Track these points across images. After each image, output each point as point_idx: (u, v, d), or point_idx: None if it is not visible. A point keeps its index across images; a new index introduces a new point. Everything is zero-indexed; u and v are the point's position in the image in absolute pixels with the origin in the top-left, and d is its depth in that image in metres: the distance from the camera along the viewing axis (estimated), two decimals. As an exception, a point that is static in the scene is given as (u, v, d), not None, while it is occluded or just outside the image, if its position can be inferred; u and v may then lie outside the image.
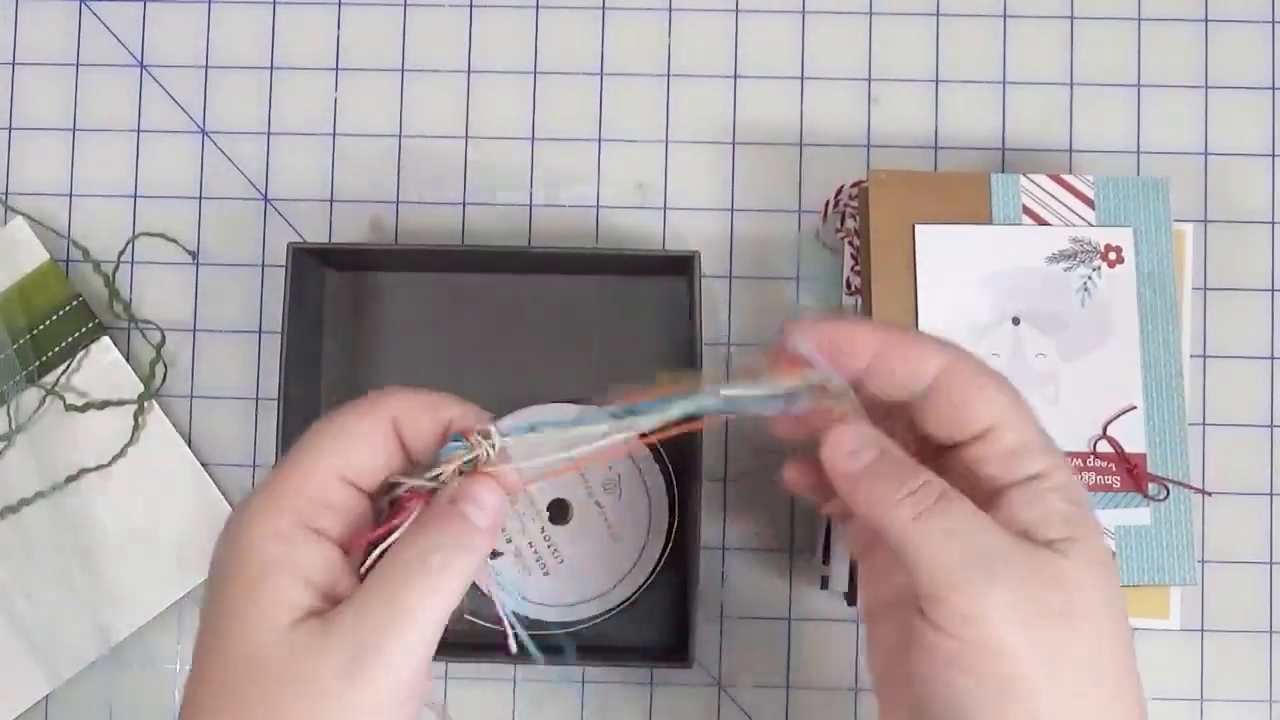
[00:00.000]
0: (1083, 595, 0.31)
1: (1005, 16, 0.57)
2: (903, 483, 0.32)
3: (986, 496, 0.33)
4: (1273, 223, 0.57)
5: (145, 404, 0.55)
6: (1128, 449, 0.49)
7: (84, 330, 0.55)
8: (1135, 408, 0.50)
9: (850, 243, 0.54)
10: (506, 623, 0.35)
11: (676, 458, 0.52)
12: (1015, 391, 0.35)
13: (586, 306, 0.55)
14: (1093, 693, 0.31)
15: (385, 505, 0.35)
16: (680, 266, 0.53)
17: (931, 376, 0.34)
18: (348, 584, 0.33)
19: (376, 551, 0.33)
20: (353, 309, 0.56)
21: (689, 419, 0.34)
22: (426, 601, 0.31)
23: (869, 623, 0.37)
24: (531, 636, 0.36)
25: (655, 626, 0.54)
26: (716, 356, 0.56)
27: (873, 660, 0.37)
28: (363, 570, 0.33)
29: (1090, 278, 0.50)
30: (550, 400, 0.53)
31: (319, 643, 0.31)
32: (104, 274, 0.56)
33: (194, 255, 0.57)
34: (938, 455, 0.35)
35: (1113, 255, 0.51)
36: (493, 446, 0.34)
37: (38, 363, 0.55)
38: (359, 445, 0.33)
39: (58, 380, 0.55)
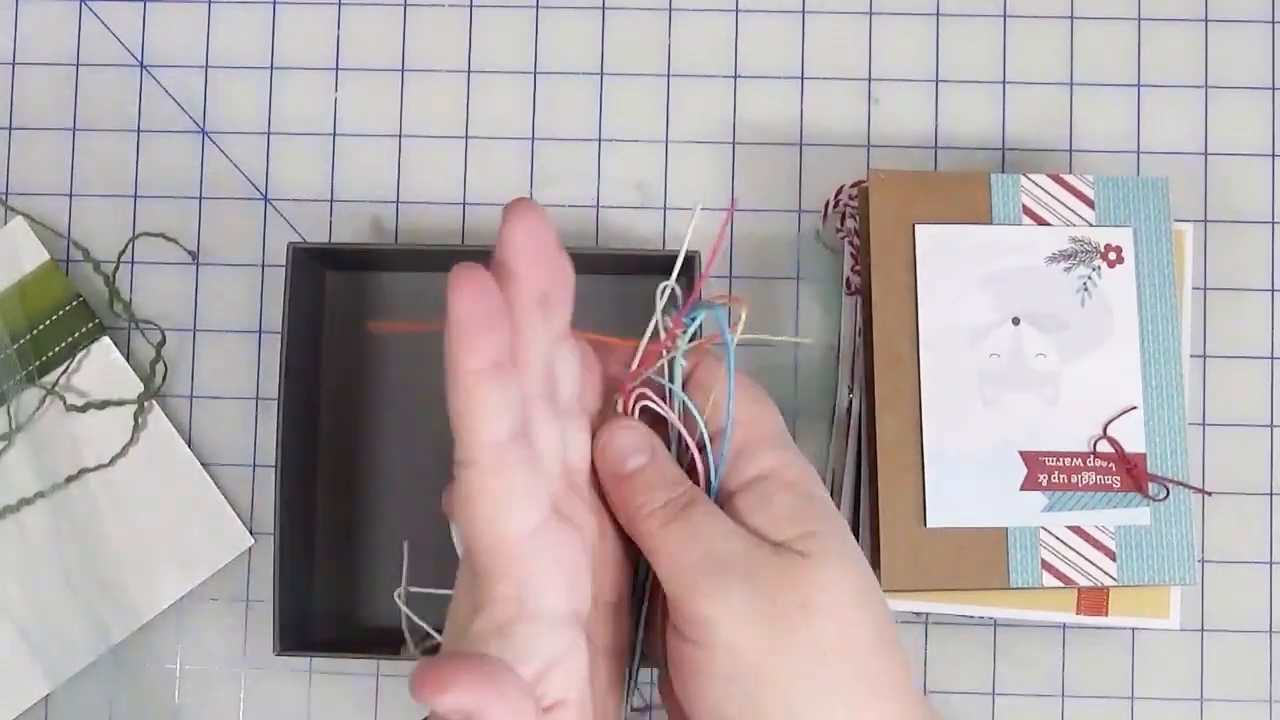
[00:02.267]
0: (820, 590, 0.31)
1: (1005, 16, 0.57)
2: (660, 491, 0.32)
3: (723, 501, 0.33)
4: (1273, 223, 0.57)
5: (145, 404, 0.55)
6: (1128, 449, 0.49)
7: (84, 330, 0.55)
8: (1135, 408, 0.50)
9: (850, 243, 0.54)
10: None
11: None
12: (750, 388, 0.34)
13: (586, 306, 0.55)
14: (846, 683, 0.31)
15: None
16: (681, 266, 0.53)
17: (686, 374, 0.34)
18: None
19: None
20: (353, 309, 0.56)
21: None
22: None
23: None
24: None
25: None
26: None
27: (661, 686, 0.36)
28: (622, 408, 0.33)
29: (1090, 278, 0.50)
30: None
31: None
32: (104, 274, 0.56)
33: (194, 255, 0.57)
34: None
35: (1113, 255, 0.51)
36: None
37: (38, 363, 0.55)
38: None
39: (58, 380, 0.55)
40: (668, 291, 0.35)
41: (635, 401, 0.34)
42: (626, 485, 0.33)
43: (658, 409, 0.34)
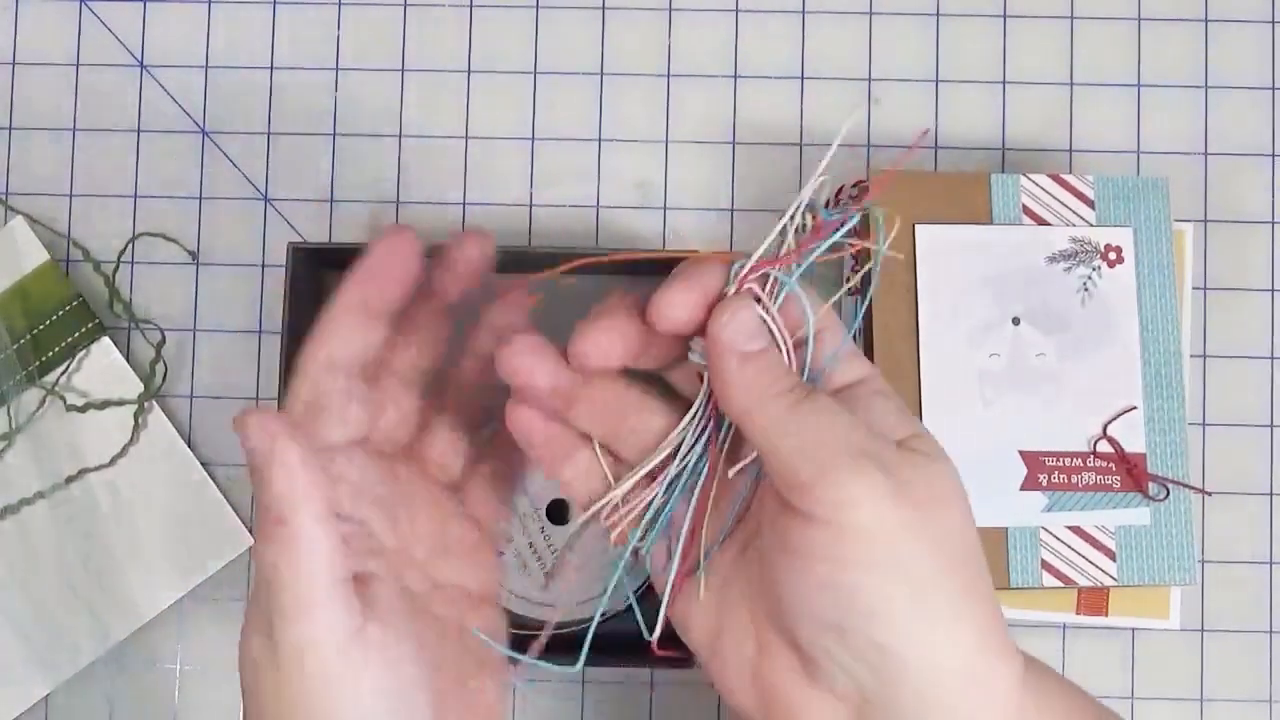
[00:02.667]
0: (944, 486, 0.32)
1: (1005, 16, 0.57)
2: (783, 375, 0.32)
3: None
4: (1273, 223, 0.57)
5: (145, 404, 0.55)
6: (1128, 449, 0.49)
7: (84, 330, 0.55)
8: (1135, 408, 0.50)
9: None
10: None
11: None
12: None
13: (587, 307, 0.55)
14: (966, 579, 0.31)
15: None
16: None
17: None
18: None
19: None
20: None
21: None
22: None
23: (714, 654, 0.35)
24: (532, 637, 0.36)
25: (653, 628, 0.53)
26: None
27: (693, 629, 0.35)
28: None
29: (1090, 278, 0.50)
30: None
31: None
32: (104, 274, 0.56)
33: (194, 255, 0.57)
34: None
35: (1113, 255, 0.51)
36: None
37: (38, 363, 0.55)
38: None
39: (58, 380, 0.55)
40: (821, 183, 0.35)
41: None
42: (750, 365, 0.32)
43: (763, 310, 0.33)
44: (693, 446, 0.34)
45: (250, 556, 0.56)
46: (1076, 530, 0.49)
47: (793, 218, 0.34)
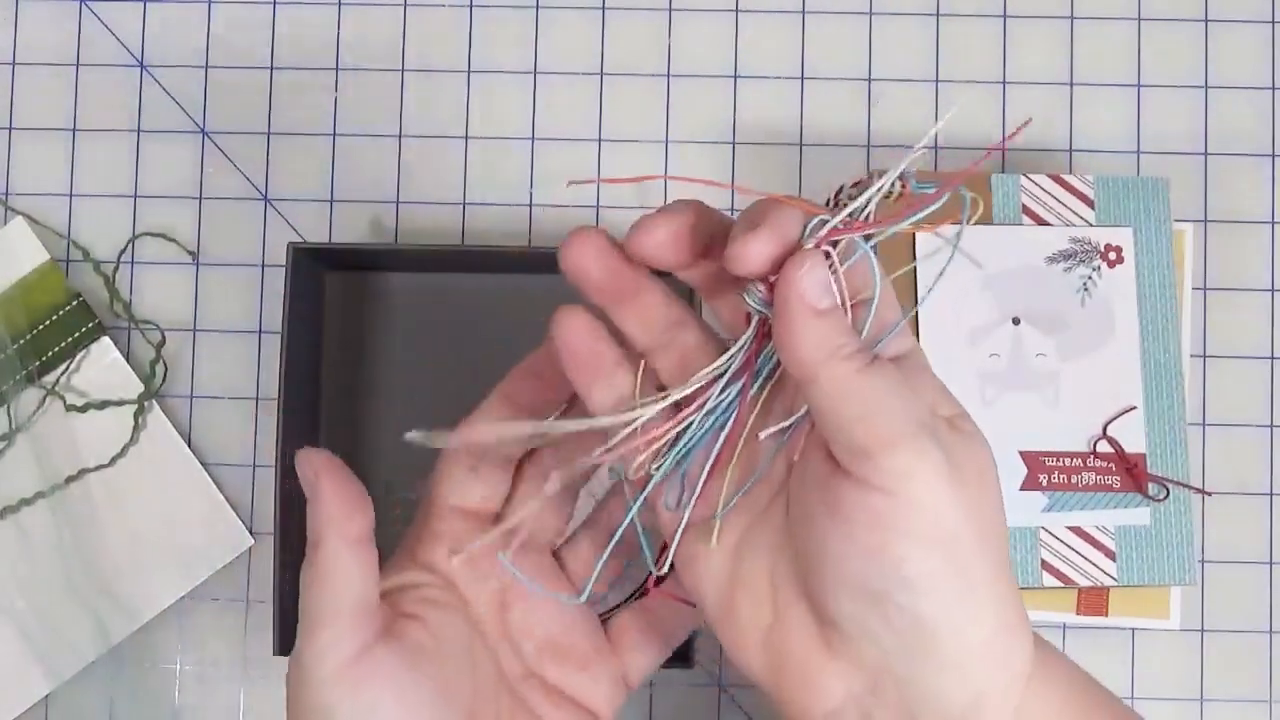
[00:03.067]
0: (984, 462, 0.32)
1: (1005, 16, 0.57)
2: (851, 335, 0.32)
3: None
4: (1273, 223, 0.57)
5: (145, 404, 0.55)
6: (1128, 449, 0.49)
7: (84, 330, 0.55)
8: (1135, 408, 0.50)
9: (850, 243, 0.54)
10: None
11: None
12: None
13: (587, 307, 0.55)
14: (989, 554, 0.31)
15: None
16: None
17: None
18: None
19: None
20: (353, 309, 0.56)
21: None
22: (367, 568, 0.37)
23: (723, 613, 0.35)
24: None
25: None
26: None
27: (705, 591, 0.35)
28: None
29: (1090, 278, 0.50)
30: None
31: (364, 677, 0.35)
32: (104, 274, 0.56)
33: (194, 255, 0.57)
34: None
35: (1113, 255, 0.51)
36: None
37: (38, 363, 0.55)
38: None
39: (58, 380, 0.55)
40: (916, 157, 0.34)
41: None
42: (823, 322, 0.31)
43: (833, 271, 0.32)
44: (725, 389, 0.34)
45: (250, 557, 0.56)
46: (1076, 530, 0.49)
47: (881, 188, 0.33)
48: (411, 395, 0.55)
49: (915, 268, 0.50)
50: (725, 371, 0.34)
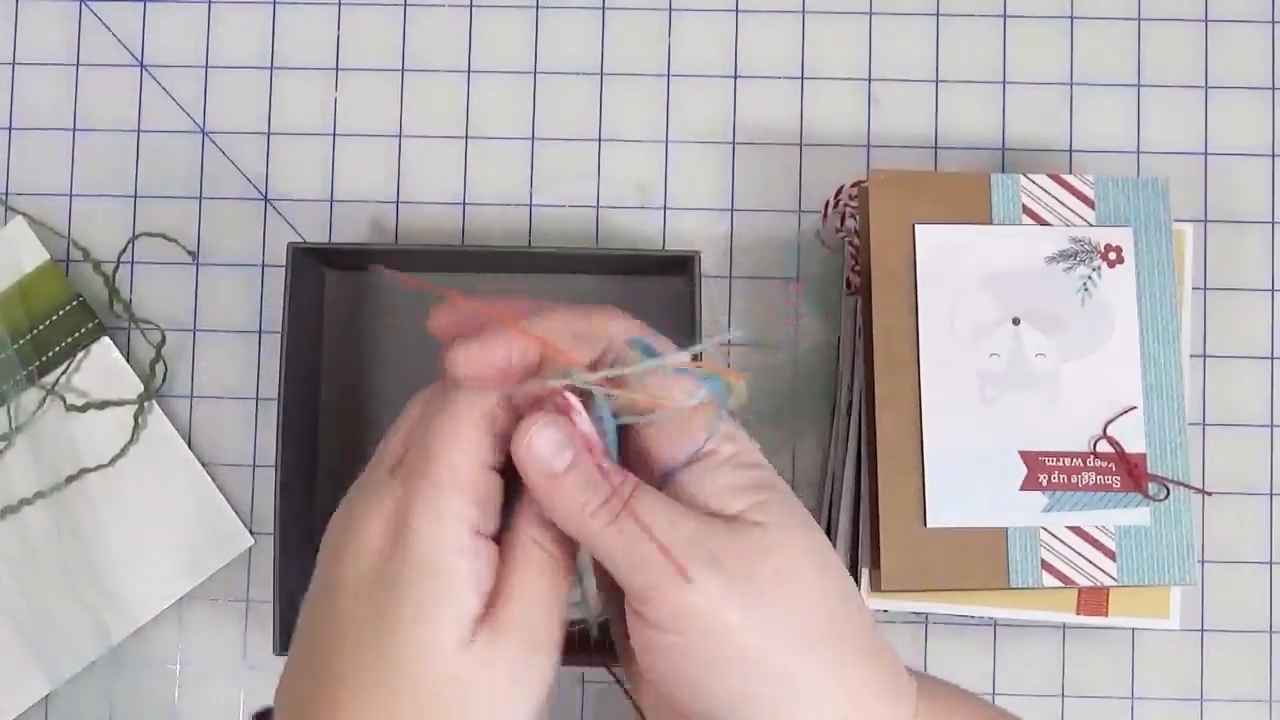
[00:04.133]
0: (785, 555, 0.31)
1: (1005, 16, 0.57)
2: (595, 489, 0.31)
3: (660, 482, 0.33)
4: (1273, 223, 0.57)
5: (145, 404, 0.55)
6: (1128, 449, 0.49)
7: (84, 330, 0.55)
8: (1135, 408, 0.50)
9: (850, 243, 0.54)
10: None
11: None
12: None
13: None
14: (827, 645, 0.31)
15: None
16: (681, 266, 0.53)
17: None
18: (492, 574, 0.32)
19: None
20: (353, 309, 0.56)
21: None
22: (563, 591, 0.32)
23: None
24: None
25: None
26: (718, 356, 0.56)
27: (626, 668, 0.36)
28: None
29: (1090, 278, 0.50)
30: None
31: (488, 654, 0.31)
32: (104, 274, 0.56)
33: (194, 255, 0.57)
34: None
35: (1113, 255, 0.51)
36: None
37: (38, 363, 0.55)
38: (484, 430, 0.32)
39: (58, 380, 0.55)
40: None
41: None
42: (560, 485, 0.31)
43: (580, 389, 0.32)
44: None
45: (250, 557, 0.56)
46: (1076, 530, 0.49)
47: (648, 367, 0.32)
48: (410, 395, 0.55)
49: (916, 267, 0.50)
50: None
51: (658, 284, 0.55)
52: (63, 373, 0.55)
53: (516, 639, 0.31)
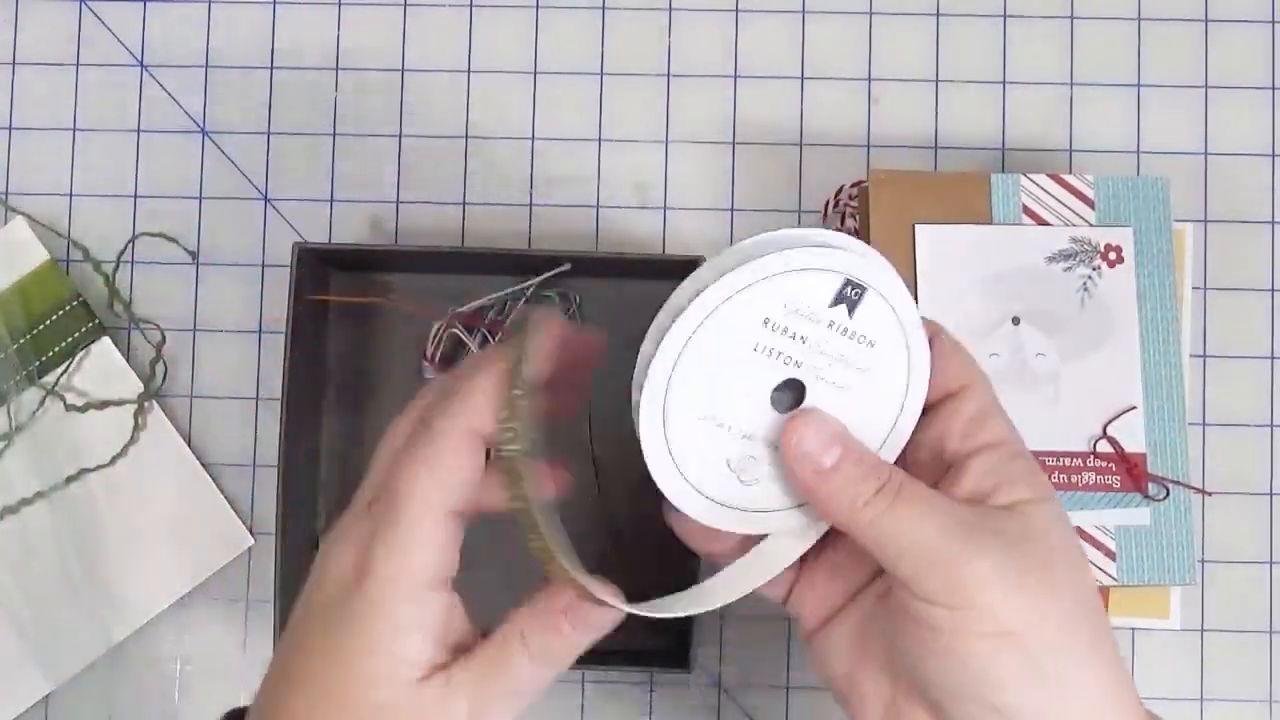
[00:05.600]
0: (1051, 549, 0.33)
1: (1005, 16, 0.57)
2: (866, 481, 0.33)
3: (949, 462, 0.34)
4: (1273, 223, 0.57)
5: (145, 404, 0.55)
6: (1128, 449, 0.49)
7: (84, 330, 0.55)
8: (1135, 408, 0.50)
9: (850, 243, 0.54)
10: None
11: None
12: (973, 357, 0.36)
13: (587, 308, 0.55)
14: (1078, 634, 0.32)
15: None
16: (683, 270, 0.53)
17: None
18: (466, 632, 0.34)
19: None
20: (355, 308, 0.56)
21: None
22: (539, 686, 0.34)
23: (820, 631, 0.37)
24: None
25: (655, 629, 0.54)
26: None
27: (832, 665, 0.37)
28: None
29: (1090, 278, 0.50)
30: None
31: (443, 696, 0.32)
32: (104, 274, 0.56)
33: (194, 255, 0.57)
34: None
35: (1113, 255, 0.51)
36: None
37: (38, 363, 0.55)
38: (458, 474, 0.33)
39: (58, 380, 0.55)
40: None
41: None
42: (830, 481, 0.33)
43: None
44: None
45: (250, 557, 0.56)
46: (1077, 530, 0.49)
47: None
48: (411, 395, 0.55)
49: (916, 267, 0.50)
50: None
51: (659, 287, 0.55)
52: (63, 373, 0.55)
53: (475, 694, 0.33)
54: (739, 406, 0.33)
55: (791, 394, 0.33)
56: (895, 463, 0.35)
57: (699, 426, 0.33)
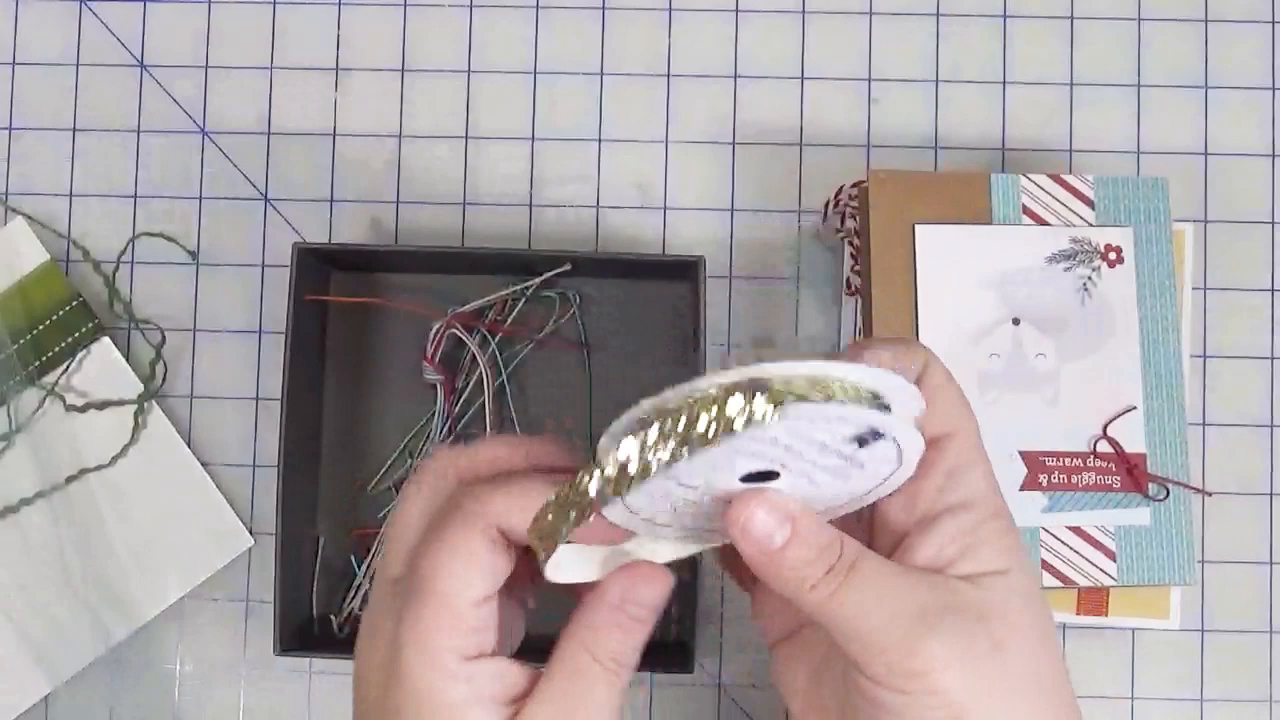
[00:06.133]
0: (1010, 627, 0.31)
1: (1005, 16, 0.57)
2: (817, 560, 0.31)
3: (919, 518, 0.33)
4: (1273, 223, 0.57)
5: (145, 404, 0.55)
6: (1128, 449, 0.49)
7: (84, 330, 0.55)
8: (1135, 408, 0.50)
9: (850, 243, 0.54)
10: None
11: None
12: (959, 391, 0.34)
13: (587, 308, 0.55)
14: (1038, 707, 0.32)
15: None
16: (683, 270, 0.53)
17: (916, 373, 0.34)
18: (523, 679, 0.33)
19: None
20: (354, 309, 0.56)
21: None
22: (616, 698, 0.33)
23: (783, 645, 0.37)
24: (532, 640, 0.36)
25: (655, 630, 0.53)
26: (716, 362, 0.56)
27: (789, 683, 0.36)
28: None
29: (1090, 278, 0.50)
30: (552, 398, 0.53)
31: None
32: (104, 274, 0.56)
33: (194, 255, 0.57)
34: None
35: (1113, 255, 0.51)
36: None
37: (38, 363, 0.55)
38: (479, 566, 0.32)
39: (58, 380, 0.55)
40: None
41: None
42: (778, 563, 0.31)
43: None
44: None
45: (250, 557, 0.56)
46: (1076, 530, 0.49)
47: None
48: (412, 396, 0.55)
49: (916, 267, 0.50)
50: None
51: (660, 287, 0.55)
52: (63, 373, 0.55)
53: None
54: (701, 471, 0.30)
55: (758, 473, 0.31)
56: (862, 515, 0.34)
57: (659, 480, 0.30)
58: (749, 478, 0.30)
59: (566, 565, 0.33)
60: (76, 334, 0.55)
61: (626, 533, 0.33)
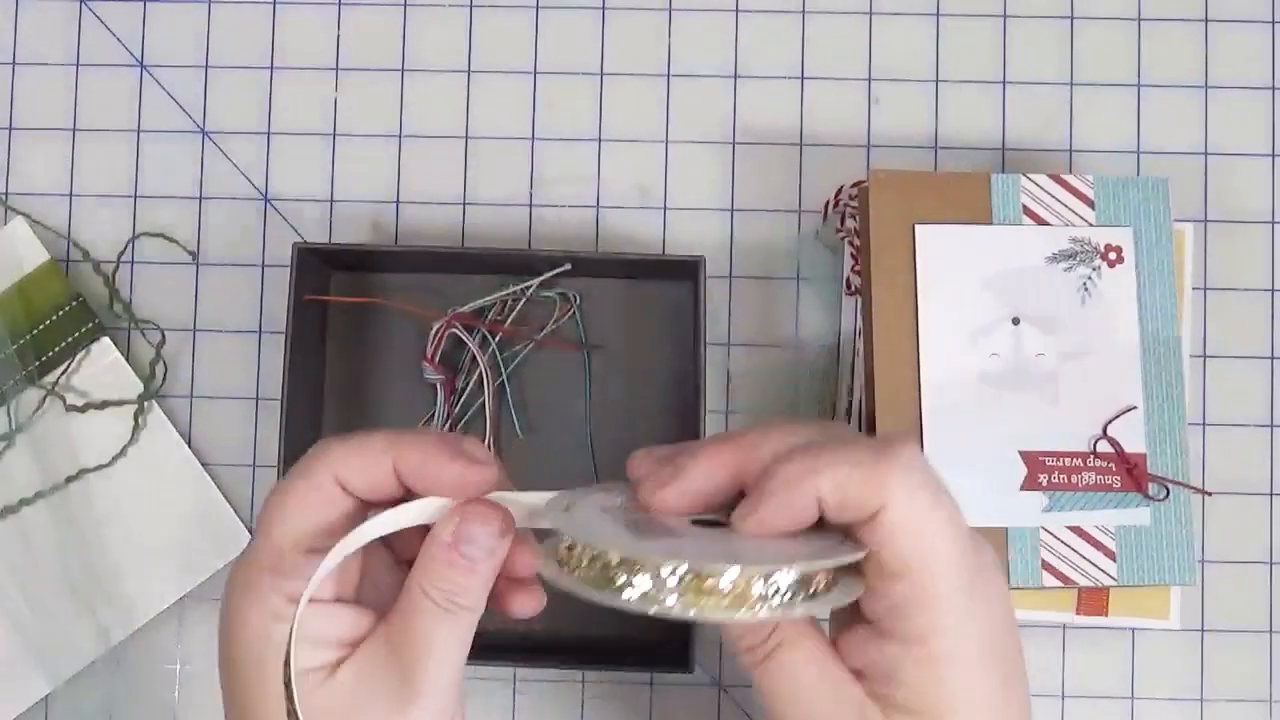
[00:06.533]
0: (952, 684, 0.32)
1: (1005, 16, 0.57)
2: (753, 633, 0.33)
3: (881, 631, 0.33)
4: (1273, 223, 0.57)
5: (145, 404, 0.55)
6: (1128, 449, 0.49)
7: (84, 330, 0.55)
8: (1135, 408, 0.50)
9: (850, 243, 0.54)
10: None
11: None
12: (956, 513, 0.33)
13: (587, 308, 0.55)
14: None
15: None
16: (684, 270, 0.53)
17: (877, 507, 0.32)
18: (365, 623, 0.35)
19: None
20: (355, 309, 0.56)
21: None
22: (453, 640, 0.34)
23: (760, 668, 0.36)
24: (532, 640, 0.36)
25: (656, 630, 0.53)
26: (716, 362, 0.56)
27: (769, 705, 0.36)
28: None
29: (1090, 278, 0.50)
30: (553, 398, 0.53)
31: (364, 689, 0.33)
32: (104, 274, 0.56)
33: (194, 255, 0.57)
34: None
35: (1113, 255, 0.51)
36: None
37: (38, 363, 0.55)
38: (309, 513, 0.34)
39: (58, 380, 0.55)
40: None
41: None
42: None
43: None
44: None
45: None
46: (1076, 530, 0.49)
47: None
48: (412, 396, 0.55)
49: (916, 267, 0.50)
50: None
51: (660, 287, 0.55)
52: (63, 373, 0.55)
53: (389, 686, 0.34)
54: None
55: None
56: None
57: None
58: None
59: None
60: (76, 334, 0.55)
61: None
